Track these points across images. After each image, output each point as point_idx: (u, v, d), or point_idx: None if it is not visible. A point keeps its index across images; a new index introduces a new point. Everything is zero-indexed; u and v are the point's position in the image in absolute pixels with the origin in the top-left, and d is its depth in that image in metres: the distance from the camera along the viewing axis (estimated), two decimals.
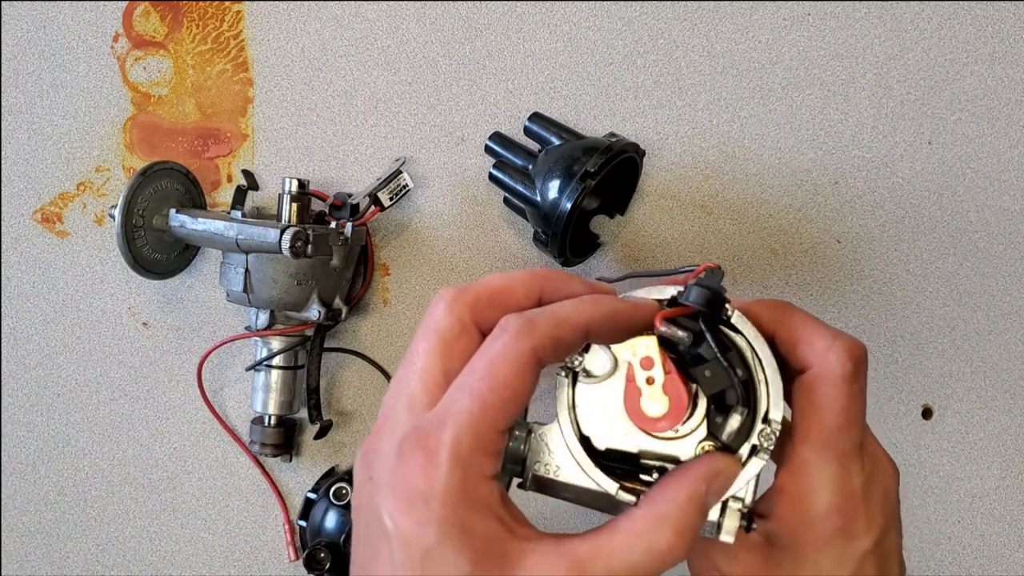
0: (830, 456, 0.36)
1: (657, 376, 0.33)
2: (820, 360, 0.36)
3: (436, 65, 0.63)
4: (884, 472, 0.39)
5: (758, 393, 0.35)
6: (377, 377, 0.63)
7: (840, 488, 0.36)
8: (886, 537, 0.38)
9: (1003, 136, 0.61)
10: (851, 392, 0.36)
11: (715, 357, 0.33)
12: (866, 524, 0.37)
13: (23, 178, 0.64)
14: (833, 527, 0.36)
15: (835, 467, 0.36)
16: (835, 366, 0.36)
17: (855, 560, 0.37)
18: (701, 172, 0.62)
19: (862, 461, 0.37)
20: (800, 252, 0.62)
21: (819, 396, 0.36)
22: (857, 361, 0.36)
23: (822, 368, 0.36)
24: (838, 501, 0.36)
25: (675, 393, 0.33)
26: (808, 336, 0.37)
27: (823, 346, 0.36)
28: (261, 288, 0.56)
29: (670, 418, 0.33)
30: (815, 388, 0.36)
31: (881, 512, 0.38)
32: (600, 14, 0.62)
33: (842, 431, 0.36)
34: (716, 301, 0.34)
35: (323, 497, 0.59)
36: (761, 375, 0.35)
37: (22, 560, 0.64)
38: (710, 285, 0.34)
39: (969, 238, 0.62)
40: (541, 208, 0.54)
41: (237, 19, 0.63)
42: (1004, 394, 0.61)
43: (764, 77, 0.62)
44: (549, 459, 0.36)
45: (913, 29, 0.62)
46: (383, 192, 0.59)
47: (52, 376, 0.64)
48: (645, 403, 0.33)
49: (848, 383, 0.36)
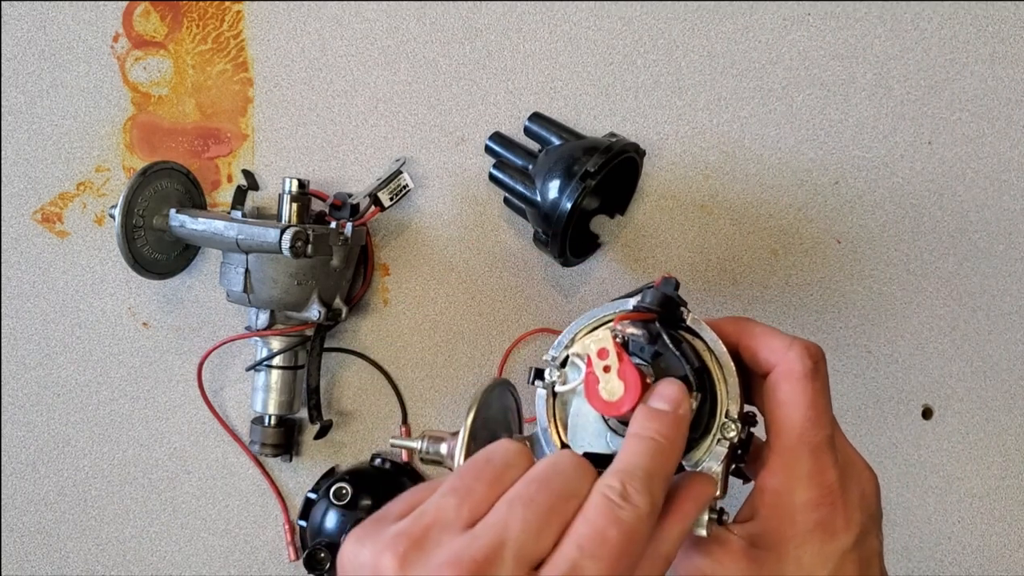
0: (803, 449, 0.38)
1: (612, 364, 0.36)
2: (781, 359, 0.39)
3: (436, 65, 0.63)
4: (861, 474, 0.40)
5: (717, 389, 0.38)
6: (377, 377, 0.63)
7: (817, 481, 0.38)
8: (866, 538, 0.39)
9: (1003, 136, 0.61)
10: (815, 388, 0.38)
11: (667, 348, 0.37)
12: (845, 521, 0.38)
13: (23, 178, 0.64)
14: (812, 520, 0.38)
15: (809, 460, 0.38)
16: (796, 363, 0.38)
17: (836, 557, 0.38)
18: (701, 172, 0.62)
19: (835, 455, 0.39)
20: (800, 252, 0.62)
21: (784, 393, 0.38)
22: (815, 359, 0.39)
23: (785, 366, 0.39)
24: (815, 494, 0.38)
25: (629, 377, 0.36)
26: (768, 341, 0.39)
27: (782, 347, 0.39)
28: (261, 288, 0.56)
29: (627, 399, 0.35)
30: (779, 386, 0.39)
31: (860, 511, 0.39)
32: (600, 14, 0.62)
33: (811, 423, 0.38)
34: (669, 303, 0.38)
35: (323, 497, 0.59)
36: (720, 374, 0.39)
37: (22, 560, 0.64)
38: (664, 291, 0.38)
39: (969, 238, 0.62)
40: (541, 208, 0.54)
41: (237, 19, 0.63)
42: (1004, 394, 0.61)
43: (764, 77, 0.62)
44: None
45: (913, 29, 0.62)
46: (383, 192, 0.59)
47: (52, 376, 0.64)
48: (603, 389, 0.36)
49: (810, 379, 0.38)
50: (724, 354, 0.39)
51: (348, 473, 0.61)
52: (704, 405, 0.37)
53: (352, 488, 0.58)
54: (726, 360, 0.39)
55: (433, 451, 0.43)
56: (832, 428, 0.39)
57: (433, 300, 0.63)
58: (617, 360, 0.36)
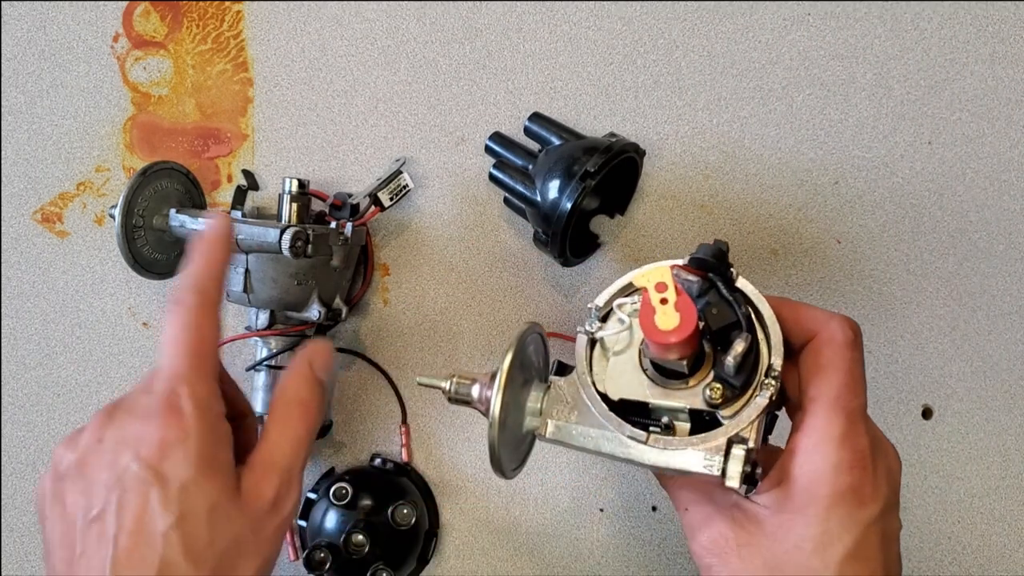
0: (839, 412, 0.39)
1: (670, 297, 0.37)
2: (824, 327, 0.40)
3: (436, 65, 0.63)
4: (888, 452, 0.41)
5: (760, 343, 0.40)
6: (377, 377, 0.63)
7: (851, 444, 0.38)
8: (890, 514, 0.40)
9: (1003, 136, 0.61)
10: (854, 357, 0.40)
11: (721, 296, 0.39)
12: (873, 490, 0.39)
13: (23, 178, 0.64)
14: (845, 483, 0.38)
15: (845, 423, 0.39)
16: (838, 332, 0.40)
17: (862, 525, 0.38)
18: (701, 172, 0.62)
19: (867, 424, 0.40)
20: (800, 252, 0.62)
21: (825, 358, 0.40)
22: (856, 331, 0.41)
23: (827, 333, 0.40)
24: (849, 456, 0.38)
25: (686, 309, 0.37)
26: (810, 312, 0.41)
27: (825, 317, 0.41)
28: (261, 288, 0.56)
29: (682, 330, 0.36)
30: (821, 352, 0.40)
31: (887, 484, 0.40)
32: (600, 14, 0.62)
33: (848, 389, 0.39)
34: (722, 256, 0.40)
35: (323, 497, 0.59)
36: (762, 333, 0.40)
37: (22, 560, 0.64)
38: (719, 246, 0.40)
39: (969, 238, 0.62)
40: (541, 208, 0.54)
41: (237, 19, 0.63)
42: (1004, 394, 0.61)
43: (764, 77, 0.62)
44: (566, 406, 0.41)
45: (913, 29, 0.62)
46: (383, 192, 0.59)
47: (52, 376, 0.64)
48: (659, 318, 0.37)
49: (850, 348, 0.40)
50: (769, 311, 0.40)
51: (348, 473, 0.61)
52: (749, 354, 0.38)
53: (352, 488, 0.58)
54: (770, 316, 0.40)
55: (464, 392, 0.43)
56: (866, 400, 0.40)
57: (433, 300, 0.63)
58: (675, 293, 0.37)
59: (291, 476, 0.43)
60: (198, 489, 0.39)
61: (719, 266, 0.40)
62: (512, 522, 0.62)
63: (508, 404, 0.40)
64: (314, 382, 0.46)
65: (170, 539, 0.38)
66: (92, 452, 0.40)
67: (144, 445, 0.39)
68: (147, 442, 0.39)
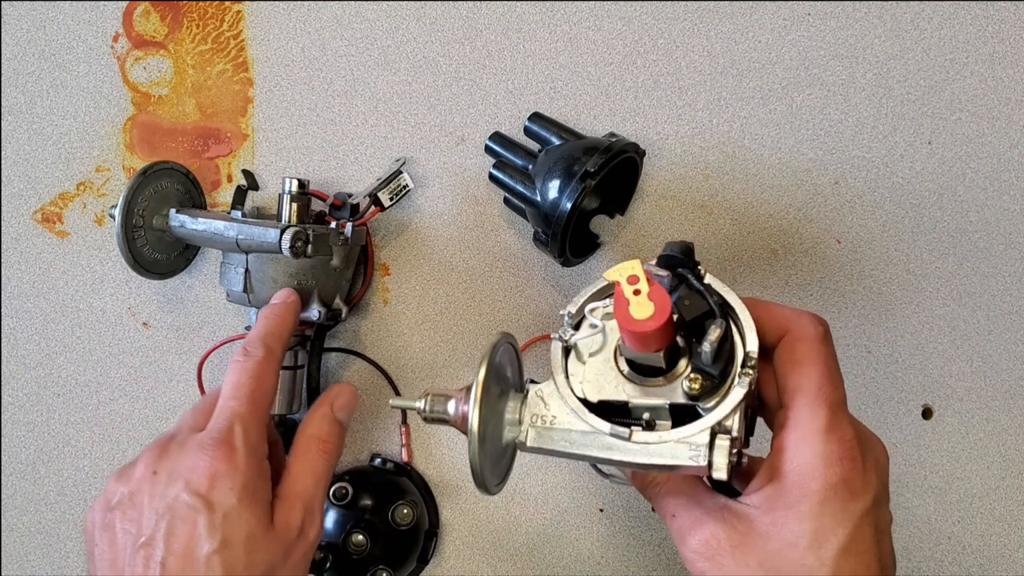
0: (822, 404, 0.39)
1: (643, 287, 0.37)
2: (795, 324, 0.41)
3: (436, 65, 0.63)
4: (875, 444, 0.42)
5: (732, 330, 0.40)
6: (377, 377, 0.63)
7: (837, 436, 0.39)
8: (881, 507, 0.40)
9: (1003, 136, 0.61)
10: (828, 351, 0.41)
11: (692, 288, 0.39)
12: (863, 482, 0.39)
13: (23, 178, 0.64)
14: (836, 475, 0.38)
15: (828, 415, 0.39)
16: (809, 327, 0.41)
17: (855, 518, 0.38)
18: (701, 172, 0.62)
19: (849, 415, 0.40)
20: (800, 252, 0.62)
21: (801, 353, 0.40)
22: (825, 327, 0.42)
23: (799, 330, 0.41)
24: (837, 448, 0.39)
25: (659, 298, 0.37)
26: (779, 310, 0.42)
27: (794, 314, 0.42)
28: (261, 288, 0.56)
29: (658, 316, 0.37)
30: (795, 347, 0.41)
31: (876, 476, 0.40)
32: (600, 14, 0.62)
33: (828, 381, 0.40)
34: (688, 251, 0.40)
35: None
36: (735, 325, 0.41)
37: (22, 560, 0.64)
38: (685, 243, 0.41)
39: (969, 238, 0.62)
40: (541, 208, 0.54)
41: (237, 19, 0.64)
42: (1004, 394, 0.61)
43: (764, 77, 0.62)
44: (545, 411, 0.41)
45: (913, 29, 0.62)
46: (383, 192, 0.59)
47: (52, 376, 0.64)
48: (634, 309, 0.37)
49: (823, 343, 0.41)
50: (739, 303, 0.41)
51: (348, 473, 0.61)
52: (725, 341, 0.38)
53: (352, 488, 0.58)
54: (741, 308, 0.41)
55: (439, 409, 0.43)
56: (845, 394, 0.41)
57: (433, 300, 0.63)
58: (647, 284, 0.37)
59: (313, 506, 0.47)
60: (239, 517, 0.42)
61: (687, 262, 0.40)
62: (512, 522, 0.62)
63: (486, 417, 0.39)
64: (333, 422, 0.50)
65: (212, 563, 0.41)
66: (145, 482, 0.44)
67: (196, 475, 0.43)
68: (199, 472, 0.43)
